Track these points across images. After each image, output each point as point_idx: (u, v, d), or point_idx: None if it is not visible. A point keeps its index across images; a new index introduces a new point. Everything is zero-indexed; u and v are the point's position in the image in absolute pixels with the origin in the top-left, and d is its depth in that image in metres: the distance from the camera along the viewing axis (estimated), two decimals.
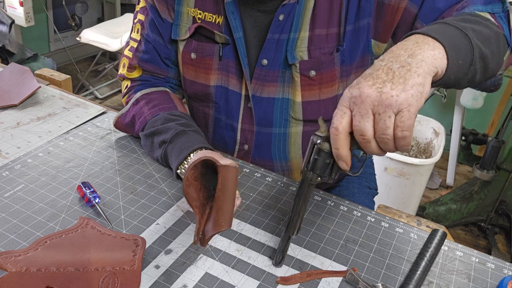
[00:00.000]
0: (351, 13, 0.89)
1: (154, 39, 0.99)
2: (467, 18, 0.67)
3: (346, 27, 0.90)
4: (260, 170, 0.96)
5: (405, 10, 0.86)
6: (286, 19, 0.90)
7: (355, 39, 0.91)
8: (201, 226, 0.68)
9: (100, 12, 3.74)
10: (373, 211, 0.87)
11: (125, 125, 0.99)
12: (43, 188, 0.84)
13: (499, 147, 2.10)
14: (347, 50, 0.92)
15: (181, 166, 0.84)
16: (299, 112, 0.96)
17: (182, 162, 0.84)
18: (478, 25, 0.66)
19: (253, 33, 0.94)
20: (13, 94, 1.11)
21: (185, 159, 0.84)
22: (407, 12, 0.86)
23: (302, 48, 0.91)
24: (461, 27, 0.63)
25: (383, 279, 0.72)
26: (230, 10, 0.91)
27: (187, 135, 0.88)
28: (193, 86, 1.01)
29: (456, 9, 0.79)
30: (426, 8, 0.84)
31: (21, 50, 2.28)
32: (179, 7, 0.96)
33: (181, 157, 0.84)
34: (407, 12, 0.86)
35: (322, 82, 0.94)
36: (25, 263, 0.65)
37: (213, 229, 0.66)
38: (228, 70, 0.96)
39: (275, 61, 0.93)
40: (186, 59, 0.99)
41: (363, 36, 0.91)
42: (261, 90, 0.95)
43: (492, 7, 0.77)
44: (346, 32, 0.90)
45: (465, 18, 0.67)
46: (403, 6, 0.85)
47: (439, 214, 2.32)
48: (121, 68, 1.04)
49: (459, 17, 0.68)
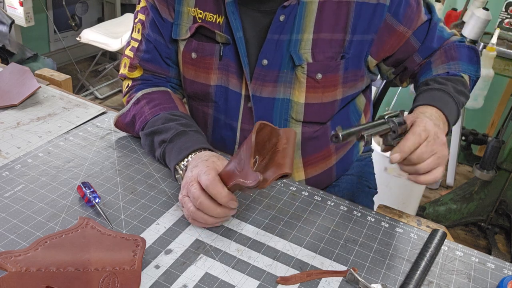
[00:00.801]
0: (361, 24, 0.91)
1: (155, 39, 0.99)
2: (458, 90, 0.92)
3: (354, 36, 0.92)
4: None
5: (407, 41, 0.98)
6: (287, 20, 0.90)
7: (360, 49, 0.94)
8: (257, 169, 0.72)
9: (100, 12, 3.74)
10: (373, 211, 0.87)
11: (126, 124, 0.99)
12: (43, 188, 0.84)
13: (499, 147, 2.10)
14: (352, 58, 0.94)
15: (177, 166, 0.84)
16: (300, 113, 0.97)
17: (181, 160, 0.84)
18: (462, 94, 0.93)
19: (253, 34, 0.94)
20: (13, 94, 1.11)
21: (184, 159, 0.84)
22: (409, 44, 0.98)
23: (306, 50, 0.92)
24: (457, 101, 0.90)
25: (383, 279, 0.72)
26: (230, 10, 0.91)
27: (187, 135, 0.88)
28: (193, 85, 1.01)
29: (444, 46, 1.01)
30: (424, 46, 0.99)
31: (21, 50, 2.28)
32: (180, 6, 0.96)
33: (180, 157, 0.84)
34: (409, 44, 0.98)
35: (326, 86, 0.95)
36: (25, 263, 0.65)
37: (275, 172, 0.70)
38: (228, 70, 0.96)
39: (275, 61, 0.93)
40: (187, 59, 0.99)
41: (364, 48, 0.95)
42: (261, 90, 0.96)
43: (471, 69, 0.99)
44: (353, 41, 0.92)
45: (458, 90, 0.92)
46: (407, 36, 0.97)
47: (439, 214, 2.32)
48: (122, 67, 1.04)
49: (456, 87, 0.91)
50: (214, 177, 0.75)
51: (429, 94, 0.89)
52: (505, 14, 2.17)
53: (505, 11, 2.17)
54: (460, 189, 2.34)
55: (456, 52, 0.99)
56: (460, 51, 0.99)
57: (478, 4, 2.27)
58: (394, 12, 0.92)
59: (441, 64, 0.97)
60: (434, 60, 0.99)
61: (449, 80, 0.92)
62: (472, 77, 0.99)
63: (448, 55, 0.99)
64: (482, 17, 2.06)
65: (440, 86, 0.90)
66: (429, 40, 0.99)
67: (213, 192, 0.74)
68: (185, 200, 0.78)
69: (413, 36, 0.97)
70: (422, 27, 0.97)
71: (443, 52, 0.99)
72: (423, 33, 0.98)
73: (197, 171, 0.77)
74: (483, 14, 2.06)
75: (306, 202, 0.88)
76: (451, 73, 0.94)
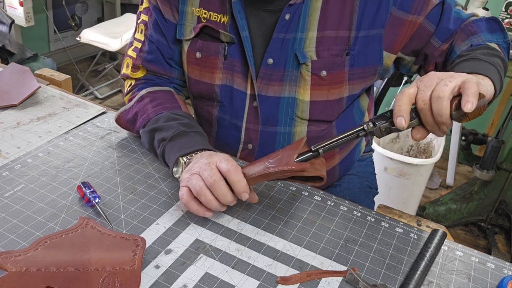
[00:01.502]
0: (366, 20, 0.91)
1: (157, 40, 0.99)
2: (487, 52, 0.83)
3: (359, 33, 0.92)
4: None
5: (420, 26, 0.93)
6: (292, 18, 0.90)
7: (366, 46, 0.93)
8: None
9: (100, 12, 3.74)
10: (373, 211, 0.87)
11: (127, 121, 0.99)
12: (43, 188, 0.84)
13: (499, 147, 2.10)
14: (357, 54, 0.93)
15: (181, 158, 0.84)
16: (306, 111, 0.97)
17: (182, 156, 0.84)
18: (494, 56, 0.84)
19: (259, 33, 0.94)
20: (13, 94, 1.11)
21: (185, 156, 0.84)
22: (422, 29, 0.94)
23: (311, 48, 0.92)
24: (490, 61, 0.81)
25: (383, 279, 0.72)
26: (236, 9, 0.91)
27: (188, 136, 0.88)
28: (198, 85, 1.01)
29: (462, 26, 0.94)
30: (441, 28, 0.94)
31: (21, 50, 2.28)
32: (184, 6, 0.96)
33: (181, 153, 0.84)
34: (422, 28, 0.94)
35: (331, 83, 0.95)
36: (25, 263, 0.65)
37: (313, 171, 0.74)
38: (233, 69, 0.96)
39: (280, 60, 0.93)
40: (191, 59, 0.99)
41: (375, 45, 0.93)
42: (267, 89, 0.96)
43: (497, 37, 0.92)
44: (359, 37, 0.92)
45: (486, 52, 0.83)
46: (419, 21, 0.93)
47: (439, 214, 2.32)
48: (125, 68, 1.05)
49: (483, 51, 0.84)
50: (237, 165, 0.75)
51: (455, 67, 0.83)
52: (505, 14, 2.17)
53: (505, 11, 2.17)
54: (460, 189, 2.34)
55: (474, 26, 0.93)
56: (478, 24, 0.94)
57: (478, 4, 2.27)
58: (400, 4, 0.91)
59: (462, 42, 0.92)
60: (455, 43, 0.94)
61: (474, 49, 0.86)
62: (501, 44, 0.91)
63: (466, 31, 0.93)
64: None
65: (465, 57, 0.83)
66: (444, 22, 0.94)
67: (235, 178, 0.74)
68: (192, 178, 0.76)
69: (426, 19, 0.93)
70: (434, 10, 0.93)
71: (461, 32, 0.94)
72: (437, 16, 0.94)
73: (217, 158, 0.77)
74: (483, 14, 2.06)
75: (306, 202, 0.88)
76: (474, 44, 0.88)
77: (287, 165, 0.73)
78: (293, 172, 0.73)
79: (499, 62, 0.83)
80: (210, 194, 0.75)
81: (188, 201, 0.76)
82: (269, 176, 0.75)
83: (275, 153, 0.76)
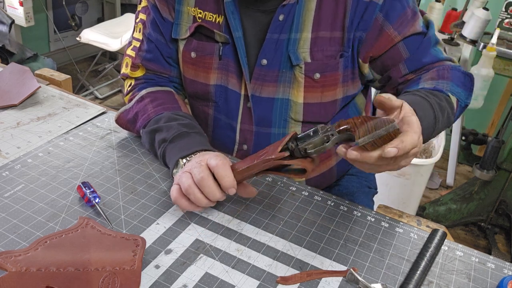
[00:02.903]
0: (356, 21, 0.90)
1: (156, 38, 0.99)
2: (439, 104, 0.82)
3: (352, 34, 0.91)
4: None
5: (395, 47, 0.93)
6: (286, 19, 0.90)
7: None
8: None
9: (100, 12, 3.74)
10: (373, 211, 0.87)
11: (127, 121, 0.99)
12: (43, 188, 0.84)
13: (499, 147, 2.10)
14: (351, 56, 0.93)
15: (181, 160, 0.84)
16: (299, 113, 0.97)
17: (183, 157, 0.84)
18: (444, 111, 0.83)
19: (253, 33, 0.94)
20: (13, 94, 1.11)
21: (186, 157, 0.84)
22: (396, 51, 0.93)
23: (305, 49, 0.91)
24: (436, 114, 0.80)
25: (383, 279, 0.72)
26: (229, 9, 0.91)
27: (189, 137, 0.88)
28: (193, 85, 1.01)
29: (438, 66, 0.93)
30: (414, 58, 0.93)
31: (21, 50, 2.28)
32: (180, 6, 0.96)
33: (182, 154, 0.84)
34: (397, 50, 0.93)
35: (325, 85, 0.94)
36: (25, 263, 0.65)
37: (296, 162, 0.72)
38: (228, 69, 0.96)
39: (274, 61, 0.93)
40: (186, 58, 0.99)
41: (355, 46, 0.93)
42: (261, 90, 0.95)
43: (462, 94, 0.91)
44: (351, 38, 0.91)
45: (439, 104, 0.82)
46: (396, 41, 0.92)
47: (439, 214, 2.32)
48: (124, 67, 1.05)
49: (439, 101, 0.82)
50: (225, 161, 0.75)
51: (409, 97, 0.80)
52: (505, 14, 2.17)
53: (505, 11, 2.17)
54: (460, 189, 2.34)
55: (450, 73, 0.92)
56: (454, 73, 0.92)
57: (478, 4, 2.27)
58: (386, 13, 0.90)
59: (430, 80, 0.89)
60: (423, 77, 0.92)
61: (433, 94, 0.83)
62: (460, 102, 0.90)
63: (440, 74, 0.91)
64: (482, 17, 2.06)
65: (424, 96, 0.81)
66: (420, 53, 0.93)
67: (222, 173, 0.74)
68: (182, 176, 0.77)
69: (403, 43, 0.92)
70: (414, 37, 0.93)
71: (435, 71, 0.92)
72: (415, 44, 0.93)
73: (208, 156, 0.77)
74: (483, 14, 2.06)
75: (306, 202, 0.88)
76: (437, 88, 0.86)
77: (267, 155, 0.72)
78: (274, 161, 0.72)
79: (444, 119, 0.83)
80: (199, 192, 0.75)
81: (177, 198, 0.77)
82: (254, 168, 0.74)
83: (264, 149, 0.76)
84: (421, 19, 0.95)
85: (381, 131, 0.62)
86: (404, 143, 0.63)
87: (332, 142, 0.68)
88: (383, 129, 0.62)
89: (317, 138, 0.69)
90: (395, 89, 0.98)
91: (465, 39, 2.14)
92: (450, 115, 0.86)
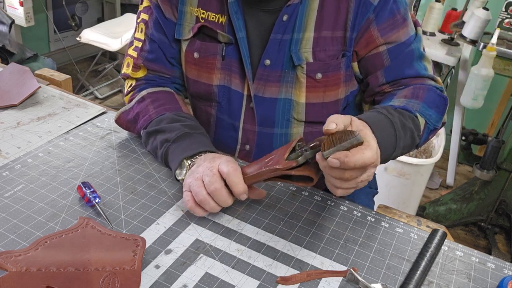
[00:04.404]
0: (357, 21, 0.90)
1: (159, 39, 0.99)
2: (403, 125, 0.80)
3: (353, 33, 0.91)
4: None
5: (379, 53, 0.93)
6: (289, 19, 0.90)
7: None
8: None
9: (100, 12, 3.74)
10: (373, 211, 0.87)
11: (128, 121, 0.99)
12: (43, 188, 0.84)
13: (499, 147, 2.10)
14: (352, 55, 0.94)
15: (185, 160, 0.84)
16: (302, 113, 0.97)
17: (186, 158, 0.84)
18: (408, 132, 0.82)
19: (256, 33, 0.94)
20: (13, 94, 1.11)
21: (189, 157, 0.84)
22: (378, 57, 0.93)
23: (307, 49, 0.91)
24: (398, 136, 0.78)
25: (383, 279, 0.72)
26: (233, 10, 0.91)
27: (192, 137, 0.88)
28: (195, 85, 1.01)
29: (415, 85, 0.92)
30: (394, 66, 0.93)
31: (21, 50, 2.28)
32: (183, 6, 0.96)
33: (185, 155, 0.84)
34: (379, 57, 0.93)
35: (327, 85, 0.94)
36: (25, 263, 0.65)
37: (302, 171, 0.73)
38: (231, 70, 0.96)
39: (277, 61, 0.93)
40: (189, 59, 0.99)
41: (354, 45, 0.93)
42: (264, 90, 0.96)
43: (432, 116, 0.89)
44: (353, 38, 0.92)
45: (403, 125, 0.80)
46: (379, 45, 0.92)
47: (439, 214, 2.32)
48: (125, 67, 1.04)
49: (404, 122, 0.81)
50: (237, 168, 0.76)
51: (371, 114, 0.78)
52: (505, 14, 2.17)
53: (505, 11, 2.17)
54: (460, 189, 2.34)
55: (424, 93, 0.90)
56: (428, 94, 0.91)
57: (478, 4, 2.27)
58: (377, 14, 0.90)
59: (403, 98, 0.88)
60: (398, 94, 0.91)
61: (399, 112, 0.82)
62: (429, 125, 0.88)
63: (414, 93, 0.90)
64: (482, 17, 2.06)
65: (387, 113, 0.79)
66: (400, 63, 0.93)
67: (235, 180, 0.75)
68: (194, 183, 0.77)
69: (387, 52, 0.92)
70: (398, 46, 0.93)
71: (410, 89, 0.91)
72: (396, 53, 0.93)
73: (218, 162, 0.78)
74: (483, 14, 2.06)
75: (306, 202, 0.88)
76: (406, 107, 0.85)
77: (275, 165, 0.73)
78: (281, 170, 0.73)
79: (407, 138, 0.81)
80: (213, 202, 0.76)
81: (192, 208, 0.78)
82: (261, 175, 0.75)
83: (272, 153, 0.77)
84: (410, 30, 0.94)
85: (345, 144, 0.65)
86: (348, 158, 0.64)
87: (304, 157, 0.71)
88: (347, 141, 0.65)
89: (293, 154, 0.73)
90: (372, 97, 0.99)
91: (465, 39, 2.14)
92: (415, 136, 0.84)
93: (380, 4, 0.90)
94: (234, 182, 0.75)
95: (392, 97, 0.91)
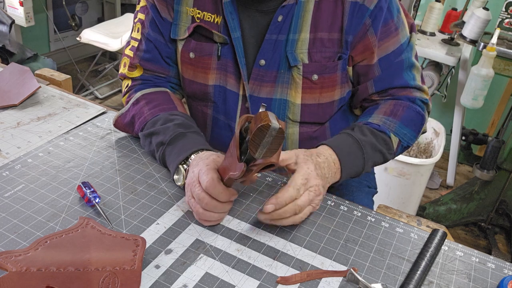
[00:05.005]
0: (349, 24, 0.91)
1: (155, 38, 0.99)
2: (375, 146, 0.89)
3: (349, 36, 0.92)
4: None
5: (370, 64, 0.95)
6: (285, 20, 0.90)
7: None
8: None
9: (100, 12, 3.74)
10: (373, 211, 0.87)
11: (125, 124, 0.99)
12: (43, 188, 0.84)
13: (499, 147, 2.10)
14: (348, 58, 0.94)
15: (181, 166, 0.84)
16: (297, 113, 0.97)
17: (181, 162, 0.84)
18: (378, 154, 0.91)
19: (251, 33, 0.94)
20: (13, 94, 1.11)
21: (184, 160, 0.84)
22: (370, 69, 0.96)
23: (303, 50, 0.92)
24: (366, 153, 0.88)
25: (383, 279, 0.72)
26: (228, 10, 0.91)
27: (185, 137, 0.88)
28: (191, 85, 1.01)
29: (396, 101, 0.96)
30: (384, 77, 0.96)
31: (21, 50, 2.28)
32: (178, 6, 0.96)
33: (180, 158, 0.84)
34: (370, 69, 0.96)
35: (323, 87, 0.95)
36: (25, 263, 0.65)
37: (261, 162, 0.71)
38: (226, 69, 0.96)
39: (273, 61, 0.93)
40: (185, 59, 0.99)
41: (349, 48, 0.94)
42: (259, 90, 0.96)
43: (407, 134, 0.94)
44: (349, 40, 0.92)
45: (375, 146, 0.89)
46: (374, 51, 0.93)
47: (439, 214, 2.32)
48: (122, 67, 1.04)
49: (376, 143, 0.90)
50: (213, 177, 0.75)
51: (343, 138, 0.88)
52: (505, 14, 2.17)
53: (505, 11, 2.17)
54: (460, 189, 2.34)
55: (403, 111, 0.95)
56: (407, 112, 0.95)
57: (478, 4, 2.27)
58: (374, 19, 0.91)
59: (382, 114, 0.94)
60: (380, 107, 0.96)
61: (374, 135, 0.90)
62: (403, 142, 0.95)
63: (394, 110, 0.95)
64: (482, 17, 2.06)
65: (359, 137, 0.88)
66: (390, 73, 0.96)
67: (214, 193, 0.75)
68: (191, 203, 0.79)
69: (378, 62, 0.95)
70: (390, 55, 0.94)
71: (392, 105, 0.96)
72: (387, 63, 0.95)
73: (197, 171, 0.78)
74: (483, 14, 2.06)
75: None
76: (381, 128, 0.91)
77: (233, 170, 0.72)
78: (242, 175, 0.71)
79: (377, 160, 0.91)
80: (211, 213, 0.77)
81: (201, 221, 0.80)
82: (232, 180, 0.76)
83: (228, 148, 0.75)
84: (402, 37, 0.95)
85: (268, 139, 0.64)
86: (280, 199, 0.73)
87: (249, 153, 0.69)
88: (267, 135, 0.64)
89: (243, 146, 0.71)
90: (360, 103, 1.02)
91: (465, 39, 2.14)
92: (386, 154, 0.92)
93: (375, 10, 0.90)
94: (215, 195, 0.75)
95: (374, 110, 0.96)
